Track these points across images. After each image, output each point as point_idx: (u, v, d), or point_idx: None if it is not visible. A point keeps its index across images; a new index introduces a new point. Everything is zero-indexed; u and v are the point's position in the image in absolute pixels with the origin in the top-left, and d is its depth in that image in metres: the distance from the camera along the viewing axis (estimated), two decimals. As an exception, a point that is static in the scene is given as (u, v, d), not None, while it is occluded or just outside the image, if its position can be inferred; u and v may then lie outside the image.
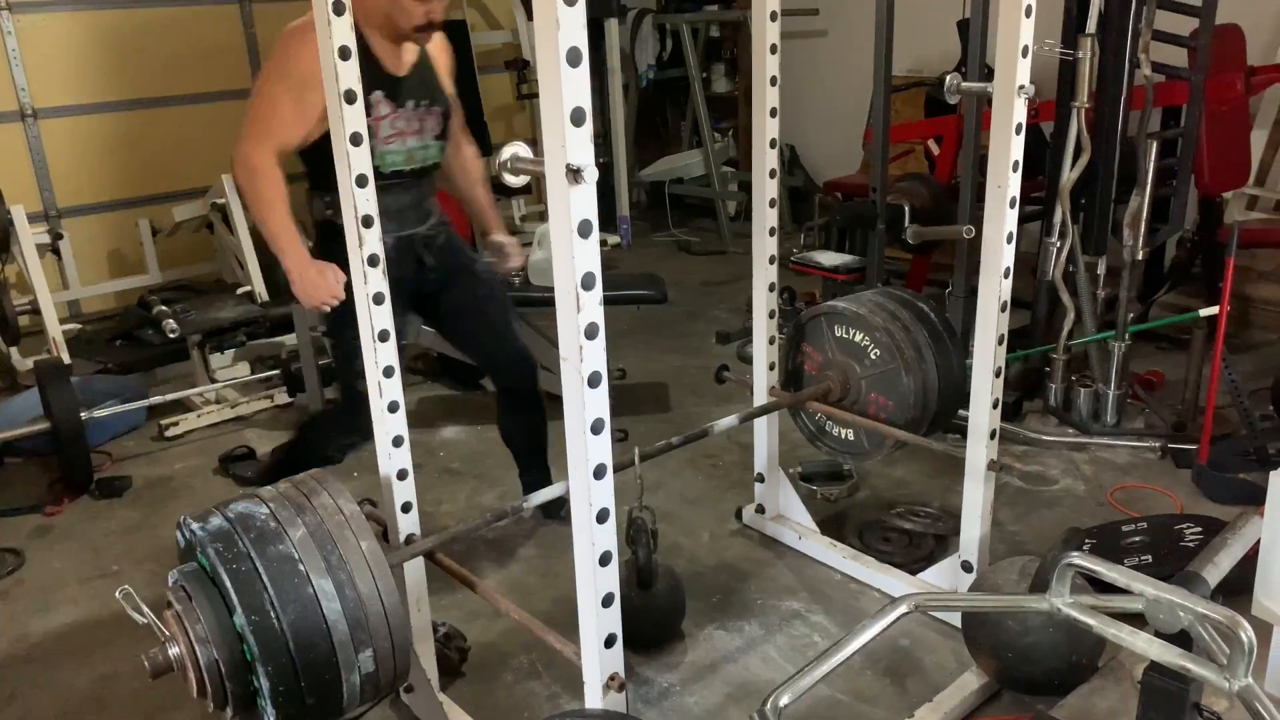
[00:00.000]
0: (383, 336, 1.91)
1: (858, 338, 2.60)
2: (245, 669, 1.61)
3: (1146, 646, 1.49)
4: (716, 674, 2.34)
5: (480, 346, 2.77)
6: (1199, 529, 2.56)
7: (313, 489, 1.76)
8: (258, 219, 2.32)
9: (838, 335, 2.64)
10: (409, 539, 2.04)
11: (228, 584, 1.58)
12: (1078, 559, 1.60)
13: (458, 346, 2.88)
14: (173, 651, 1.63)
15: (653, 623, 2.39)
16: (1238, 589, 2.00)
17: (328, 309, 2.34)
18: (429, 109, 2.46)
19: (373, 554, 1.69)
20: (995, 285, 2.13)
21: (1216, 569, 2.06)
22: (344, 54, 1.73)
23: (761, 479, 2.86)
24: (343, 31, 1.72)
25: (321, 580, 1.62)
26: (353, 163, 1.80)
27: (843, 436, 2.74)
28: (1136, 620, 1.52)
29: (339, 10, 1.71)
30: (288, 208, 2.30)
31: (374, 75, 2.27)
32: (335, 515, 1.71)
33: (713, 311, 5.01)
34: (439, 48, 2.54)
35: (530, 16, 1.42)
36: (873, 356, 2.57)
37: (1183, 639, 1.49)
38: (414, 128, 2.43)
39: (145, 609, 1.67)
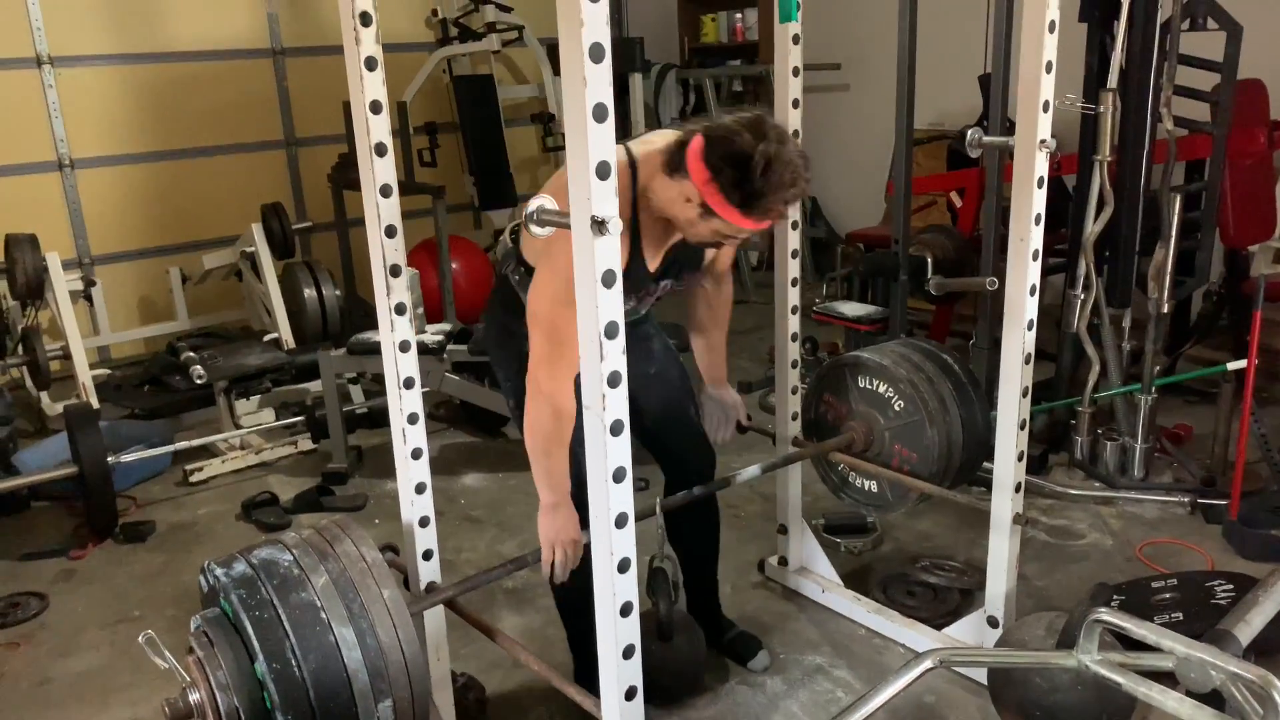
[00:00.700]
0: (408, 384, 1.93)
1: (881, 389, 2.59)
2: (265, 717, 1.60)
3: (1178, 706, 1.47)
4: (738, 729, 2.31)
5: (646, 427, 2.39)
6: (1230, 586, 2.51)
7: (336, 536, 1.77)
8: (536, 449, 1.94)
9: (861, 386, 2.64)
10: (430, 587, 2.04)
11: (250, 631, 1.59)
12: (1106, 615, 1.58)
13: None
14: (193, 697, 1.63)
15: (673, 675, 2.36)
16: (1271, 647, 1.96)
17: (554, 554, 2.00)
18: (662, 287, 2.20)
19: (394, 603, 1.69)
20: (1019, 337, 2.12)
21: (1249, 627, 2.02)
22: (375, 108, 1.78)
23: (784, 530, 2.84)
24: (374, 87, 1.77)
25: (343, 629, 1.62)
26: (382, 214, 1.84)
27: (866, 488, 2.73)
28: (1167, 679, 1.50)
29: (371, 66, 1.75)
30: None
31: (630, 272, 1.96)
32: (358, 563, 1.72)
33: (735, 360, 5.00)
34: None
35: (556, 71, 1.43)
36: (896, 408, 2.56)
37: (1215, 699, 1.46)
38: (636, 302, 2.19)
39: (167, 654, 1.68)
